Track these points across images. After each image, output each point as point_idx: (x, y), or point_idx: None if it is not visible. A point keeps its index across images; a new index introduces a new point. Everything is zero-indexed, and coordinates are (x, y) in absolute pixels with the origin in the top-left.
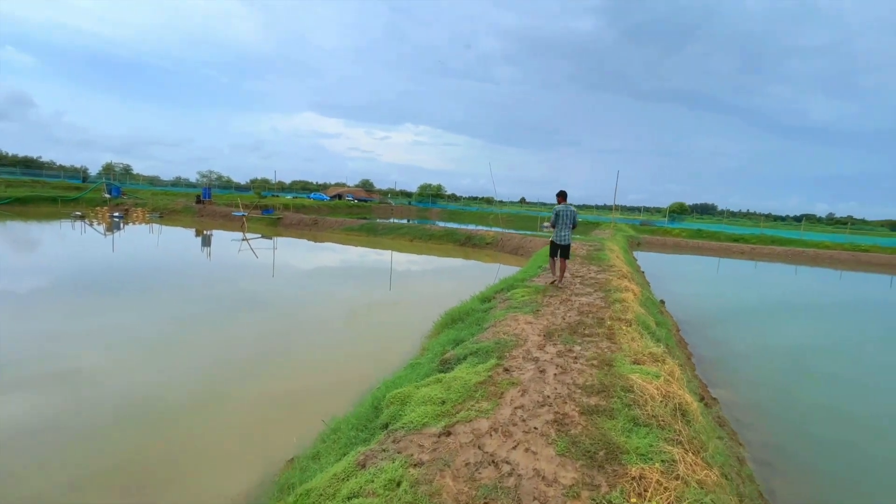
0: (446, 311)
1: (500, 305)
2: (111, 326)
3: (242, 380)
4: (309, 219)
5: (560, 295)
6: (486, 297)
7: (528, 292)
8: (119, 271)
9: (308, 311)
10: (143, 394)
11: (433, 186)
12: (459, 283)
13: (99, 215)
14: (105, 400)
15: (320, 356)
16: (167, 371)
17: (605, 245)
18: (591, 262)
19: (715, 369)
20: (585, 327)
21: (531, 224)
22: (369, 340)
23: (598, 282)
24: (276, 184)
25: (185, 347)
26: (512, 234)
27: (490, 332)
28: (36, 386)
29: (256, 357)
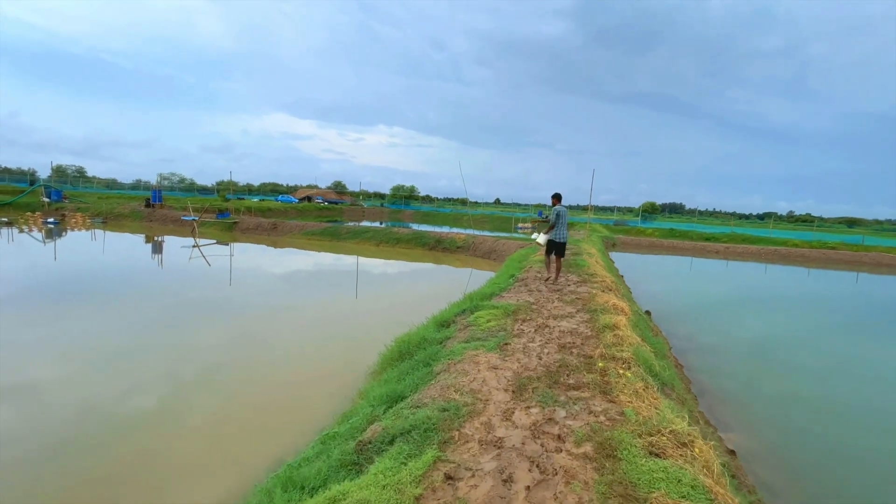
0: (396, 338)
1: (459, 334)
2: (57, 339)
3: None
4: (268, 223)
5: (536, 316)
6: (444, 321)
7: (495, 315)
8: (64, 281)
9: (253, 327)
10: (95, 407)
11: (406, 188)
12: (427, 292)
13: (30, 221)
14: (61, 414)
15: (239, 397)
16: (116, 384)
17: (582, 248)
18: (568, 269)
19: (719, 402)
20: (570, 371)
21: (506, 225)
22: (305, 374)
23: (579, 297)
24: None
25: (131, 360)
26: (485, 237)
27: (439, 385)
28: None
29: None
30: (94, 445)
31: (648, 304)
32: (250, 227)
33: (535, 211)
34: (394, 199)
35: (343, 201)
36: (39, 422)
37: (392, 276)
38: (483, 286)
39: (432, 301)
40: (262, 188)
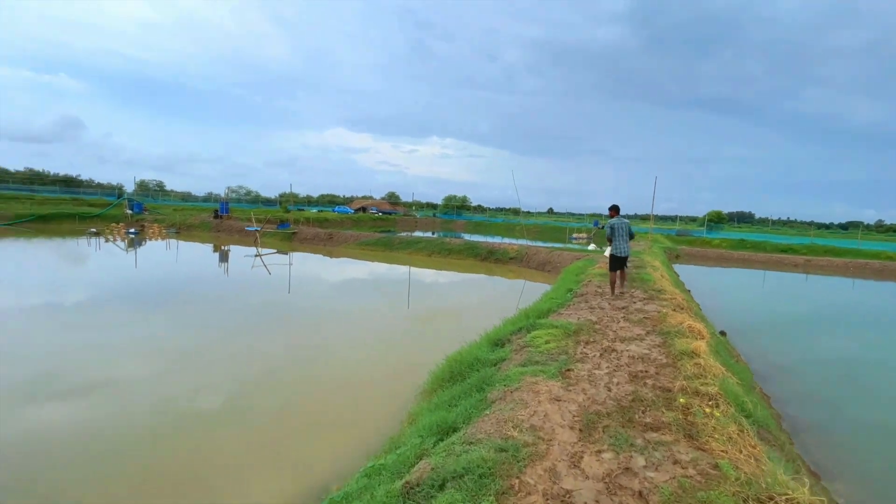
0: (448, 356)
1: (514, 356)
2: (137, 339)
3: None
4: (324, 233)
5: (600, 338)
6: (498, 340)
7: (554, 335)
8: (143, 287)
9: (308, 335)
10: (168, 405)
11: (458, 198)
12: (479, 304)
13: (114, 231)
14: (137, 410)
15: (286, 413)
16: (182, 384)
17: (645, 261)
18: (632, 284)
19: (816, 441)
20: (645, 407)
21: (560, 235)
22: (355, 387)
23: (648, 316)
24: (303, 198)
25: (199, 361)
26: (538, 248)
27: (494, 417)
28: (72, 396)
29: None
30: (158, 439)
31: (720, 322)
32: (308, 237)
33: (590, 220)
34: (446, 209)
35: (396, 212)
36: (118, 416)
37: (443, 286)
38: (538, 301)
39: (484, 314)
40: (321, 199)
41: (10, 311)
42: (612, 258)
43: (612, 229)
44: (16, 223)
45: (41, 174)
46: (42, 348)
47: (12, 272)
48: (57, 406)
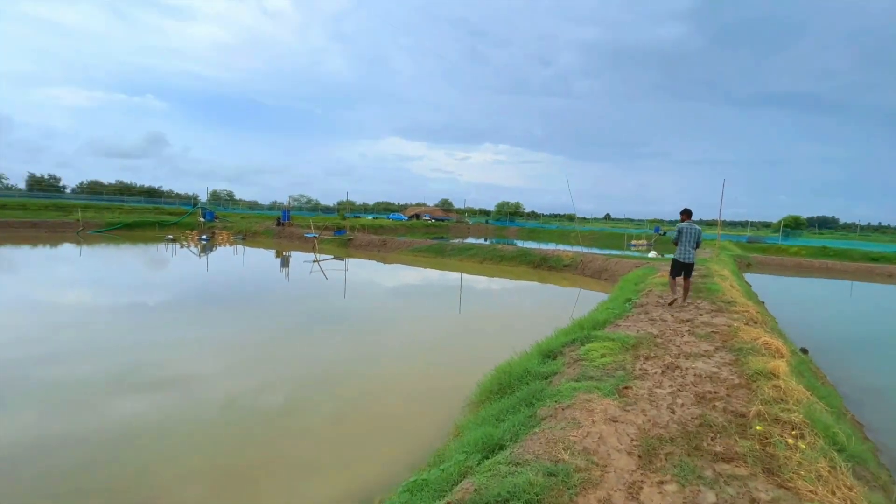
0: (496, 367)
1: (567, 370)
2: (207, 338)
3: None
4: (378, 240)
5: (662, 353)
6: (550, 351)
7: (611, 348)
8: (213, 290)
9: (362, 339)
10: (236, 401)
11: (511, 204)
12: (531, 312)
13: (189, 238)
14: (207, 404)
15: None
16: (254, 380)
17: (711, 269)
18: (698, 294)
19: None
20: (715, 434)
21: (617, 242)
22: (404, 392)
23: (716, 331)
24: (359, 205)
25: (262, 361)
26: (594, 255)
27: (544, 436)
28: (152, 388)
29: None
30: (221, 432)
31: (800, 338)
32: (363, 243)
33: (650, 226)
34: (498, 215)
35: (449, 218)
36: (190, 409)
37: (495, 293)
38: (594, 310)
39: (536, 323)
40: (376, 207)
41: (103, 308)
42: (673, 262)
43: (679, 233)
44: (106, 230)
45: (129, 186)
46: (128, 343)
47: (105, 274)
48: (139, 397)
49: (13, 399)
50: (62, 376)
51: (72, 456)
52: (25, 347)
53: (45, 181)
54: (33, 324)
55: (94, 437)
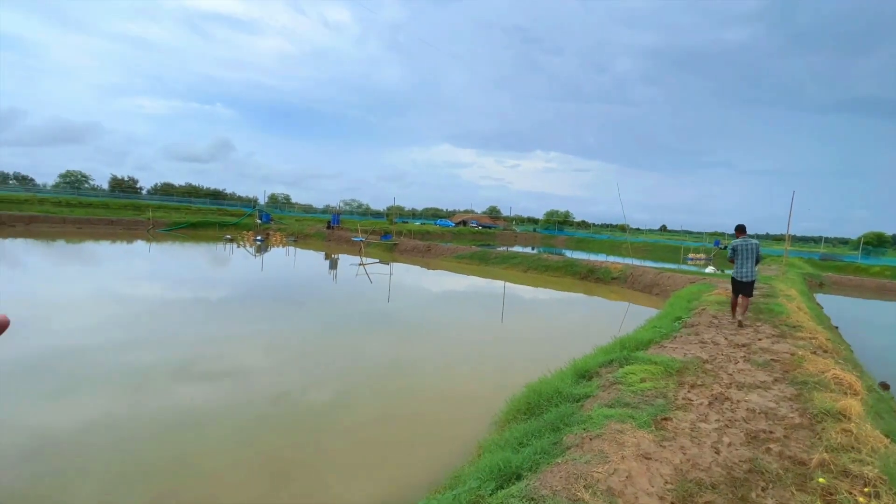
0: (527, 384)
1: (601, 394)
2: (260, 334)
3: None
4: (423, 245)
5: (711, 380)
6: (585, 371)
7: (652, 372)
8: (268, 288)
9: (402, 348)
10: (282, 396)
11: (560, 213)
12: (573, 325)
13: (245, 238)
14: (258, 397)
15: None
16: (297, 376)
17: (776, 289)
18: (758, 315)
19: None
20: (767, 483)
21: (673, 256)
22: (437, 408)
23: (777, 359)
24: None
25: (309, 358)
26: (645, 269)
27: (565, 469)
28: (210, 378)
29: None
30: (290, 421)
31: (881, 372)
32: (407, 248)
33: (709, 239)
34: (547, 224)
35: (496, 226)
36: (243, 400)
37: (538, 304)
38: (639, 328)
39: (578, 337)
40: (425, 213)
41: (169, 302)
42: (733, 282)
43: (735, 251)
44: (173, 229)
45: (197, 188)
46: (188, 335)
47: (172, 270)
48: (197, 386)
49: (91, 380)
50: (133, 362)
51: (137, 436)
52: (101, 334)
53: (125, 182)
54: (108, 313)
55: (157, 420)
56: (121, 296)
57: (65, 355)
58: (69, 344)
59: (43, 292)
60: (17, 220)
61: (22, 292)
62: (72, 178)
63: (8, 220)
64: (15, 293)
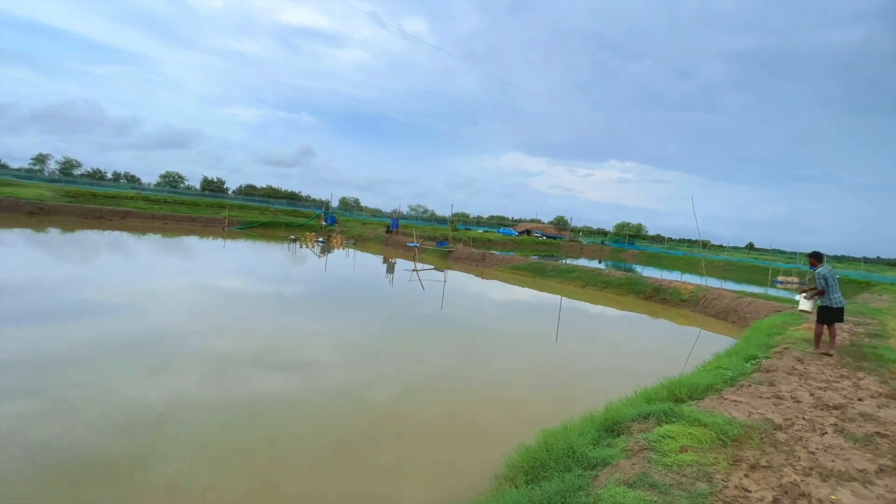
0: (543, 430)
1: (624, 464)
2: (321, 332)
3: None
4: (478, 253)
5: (782, 460)
6: (614, 423)
7: (698, 440)
8: (330, 287)
9: (449, 360)
10: (348, 389)
11: (632, 226)
12: (635, 351)
13: (308, 239)
14: (324, 390)
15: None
16: (340, 375)
17: (886, 326)
18: (859, 363)
19: None
20: None
21: (760, 277)
22: (454, 440)
23: (885, 432)
24: (473, 218)
25: (351, 358)
26: (722, 292)
27: None
28: (282, 369)
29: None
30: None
31: None
32: (462, 256)
33: (803, 261)
34: (616, 236)
35: (561, 236)
36: (310, 393)
37: (593, 324)
38: (699, 368)
39: (633, 367)
40: (490, 220)
41: (242, 294)
42: (826, 311)
43: (826, 280)
44: (246, 227)
45: (276, 190)
46: (254, 327)
47: (243, 265)
48: (272, 375)
49: (170, 366)
50: (205, 350)
51: (213, 419)
52: (180, 323)
53: (214, 183)
54: (188, 303)
55: (230, 405)
56: (197, 286)
57: (146, 337)
58: (142, 327)
59: (129, 281)
60: (113, 215)
61: (109, 281)
62: (170, 178)
63: (106, 215)
64: (102, 282)
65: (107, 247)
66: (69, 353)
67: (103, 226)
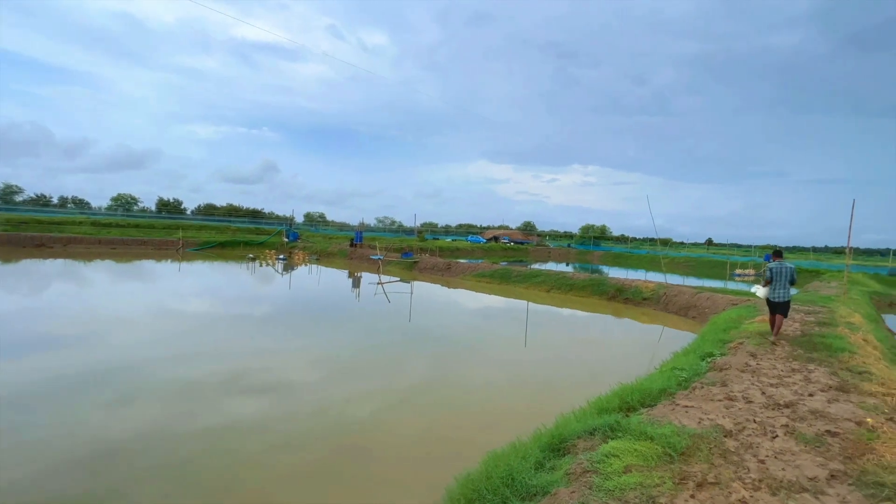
0: (488, 454)
1: (562, 492)
2: (287, 351)
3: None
4: (443, 263)
5: (730, 473)
6: (561, 442)
7: (644, 456)
8: (298, 305)
9: (416, 376)
10: (326, 407)
11: (596, 227)
12: (599, 354)
13: (268, 257)
14: (301, 410)
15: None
16: (305, 395)
17: (836, 315)
18: (810, 353)
19: None
20: None
21: (719, 271)
22: (409, 446)
23: (835, 430)
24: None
25: (318, 376)
26: (681, 288)
27: None
28: (253, 392)
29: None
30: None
31: None
32: (428, 266)
33: (758, 253)
34: (582, 239)
35: (529, 241)
36: (285, 413)
37: (558, 327)
38: (654, 372)
39: (598, 370)
40: (459, 229)
41: (201, 318)
42: (769, 302)
43: (772, 272)
44: (203, 248)
45: (237, 208)
46: (221, 350)
47: (198, 288)
48: (243, 400)
49: (132, 398)
50: (169, 379)
51: (181, 451)
52: (140, 351)
53: (171, 204)
54: (145, 330)
55: (198, 435)
56: (152, 312)
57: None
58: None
59: (80, 311)
60: (55, 242)
61: (57, 312)
62: (123, 201)
63: (47, 242)
64: (49, 313)
65: (52, 276)
66: (20, 390)
67: (43, 254)
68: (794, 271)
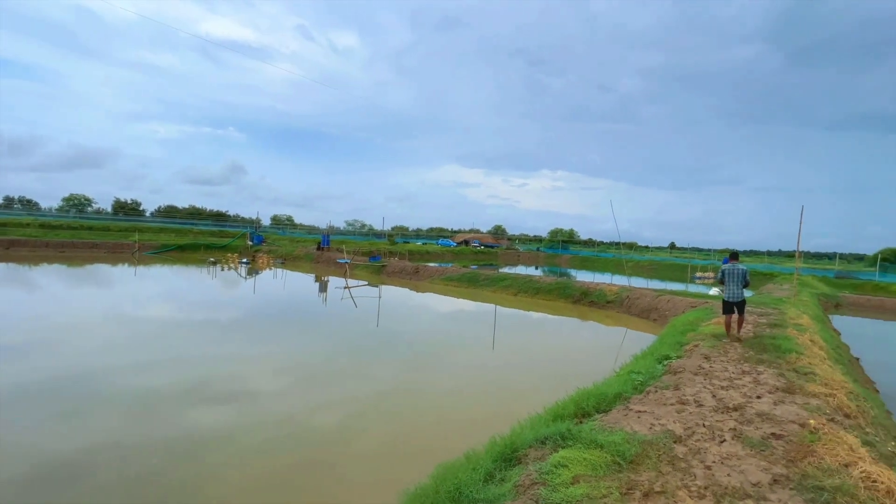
0: (438, 466)
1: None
2: (251, 359)
3: None
4: (411, 267)
5: (677, 482)
6: (513, 451)
7: (592, 465)
8: (263, 310)
9: (383, 381)
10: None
11: (564, 231)
12: (564, 358)
13: (230, 261)
14: (268, 419)
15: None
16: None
17: (786, 316)
18: (760, 355)
19: None
20: None
21: (681, 274)
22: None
23: (780, 433)
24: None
25: (281, 384)
26: (643, 291)
27: None
28: (217, 402)
29: None
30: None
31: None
32: (396, 270)
33: (718, 257)
34: (551, 243)
35: (499, 245)
36: (251, 423)
37: (526, 330)
38: (609, 378)
39: (562, 372)
40: (429, 233)
41: (160, 323)
42: (724, 303)
43: (723, 274)
44: (161, 252)
45: (200, 210)
46: (192, 357)
47: (160, 293)
48: (204, 409)
49: (88, 409)
50: (125, 388)
51: (139, 464)
52: (93, 360)
53: (128, 205)
54: (99, 337)
55: (159, 447)
56: (107, 319)
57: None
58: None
59: (27, 318)
60: None
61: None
62: (75, 202)
63: None
64: None
65: None
66: None
67: None
68: (746, 273)
